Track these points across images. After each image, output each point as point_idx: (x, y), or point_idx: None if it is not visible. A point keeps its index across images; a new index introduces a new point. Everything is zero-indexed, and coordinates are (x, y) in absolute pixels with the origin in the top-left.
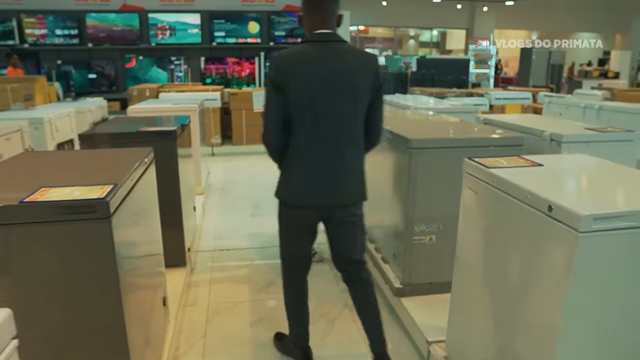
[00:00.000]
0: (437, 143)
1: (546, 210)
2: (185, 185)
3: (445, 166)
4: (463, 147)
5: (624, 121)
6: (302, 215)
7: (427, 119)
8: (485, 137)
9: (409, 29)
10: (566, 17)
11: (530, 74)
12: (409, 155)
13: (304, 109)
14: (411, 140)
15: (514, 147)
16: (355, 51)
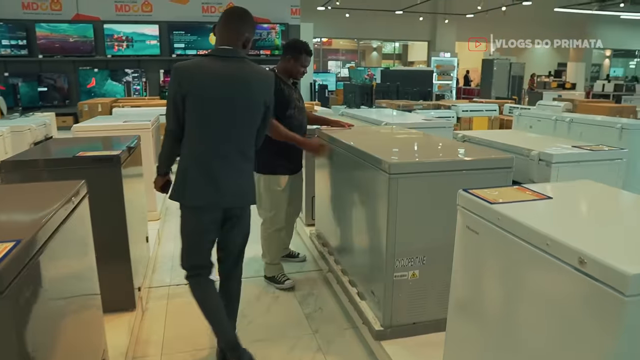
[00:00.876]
0: (420, 167)
1: (575, 263)
2: (135, 214)
3: (429, 192)
4: (449, 172)
5: (595, 134)
6: (203, 216)
7: (403, 137)
8: (472, 159)
9: (371, 41)
10: (523, 29)
11: (492, 85)
12: (389, 181)
13: (198, 115)
14: (391, 164)
15: (504, 169)
16: (252, 68)
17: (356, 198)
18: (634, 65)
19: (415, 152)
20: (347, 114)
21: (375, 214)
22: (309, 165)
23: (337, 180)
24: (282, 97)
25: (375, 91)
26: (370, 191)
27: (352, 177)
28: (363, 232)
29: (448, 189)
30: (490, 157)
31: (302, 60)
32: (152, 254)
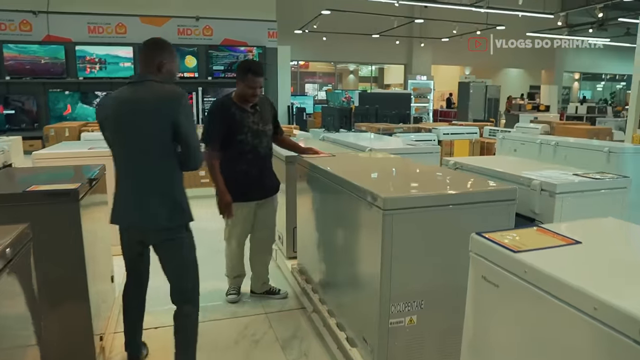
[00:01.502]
0: (417, 201)
1: (636, 335)
2: (97, 251)
3: (428, 229)
4: (449, 206)
5: (581, 158)
6: (122, 235)
7: (393, 166)
8: (474, 191)
9: (348, 64)
10: (496, 54)
11: (469, 107)
12: (383, 218)
13: (113, 141)
14: (386, 199)
15: (507, 202)
16: (154, 88)
17: (344, 233)
18: (601, 88)
19: (410, 183)
20: (327, 138)
21: (367, 252)
22: (290, 193)
23: (322, 211)
24: (232, 121)
25: (354, 114)
26: (361, 227)
27: (339, 209)
28: (353, 271)
29: (448, 225)
30: (492, 188)
31: (249, 81)
32: (119, 295)
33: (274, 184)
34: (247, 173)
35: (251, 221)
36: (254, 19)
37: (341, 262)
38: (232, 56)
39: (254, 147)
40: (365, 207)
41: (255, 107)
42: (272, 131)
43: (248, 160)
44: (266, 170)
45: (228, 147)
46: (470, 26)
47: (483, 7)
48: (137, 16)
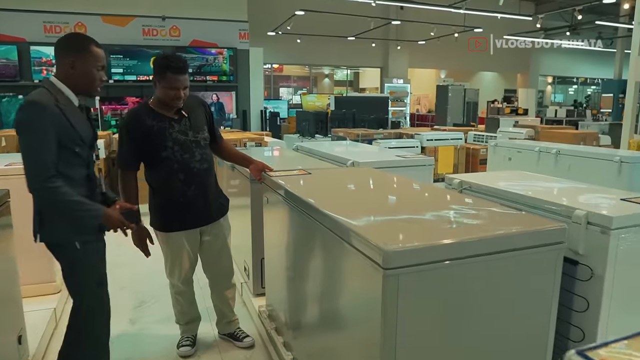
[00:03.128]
0: (434, 253)
1: None
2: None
3: (448, 290)
4: (477, 257)
5: (588, 168)
6: None
7: (386, 189)
8: (511, 234)
9: (323, 68)
10: (472, 57)
11: (447, 111)
12: (385, 280)
13: None
14: (388, 253)
15: (554, 245)
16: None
17: (328, 281)
18: (573, 91)
19: (416, 221)
20: (302, 148)
21: (362, 314)
22: (257, 218)
23: (297, 247)
24: (148, 136)
25: (330, 119)
26: (352, 281)
27: (319, 251)
28: (340, 332)
29: (476, 283)
30: (537, 229)
31: (169, 81)
32: (37, 351)
33: (220, 203)
34: (181, 196)
35: (196, 252)
36: (224, 19)
37: (324, 317)
38: (201, 58)
39: (185, 163)
40: (357, 259)
41: (180, 112)
42: (208, 140)
43: (180, 180)
44: (207, 189)
45: (154, 167)
46: (448, 29)
47: (462, 7)
48: (98, 15)
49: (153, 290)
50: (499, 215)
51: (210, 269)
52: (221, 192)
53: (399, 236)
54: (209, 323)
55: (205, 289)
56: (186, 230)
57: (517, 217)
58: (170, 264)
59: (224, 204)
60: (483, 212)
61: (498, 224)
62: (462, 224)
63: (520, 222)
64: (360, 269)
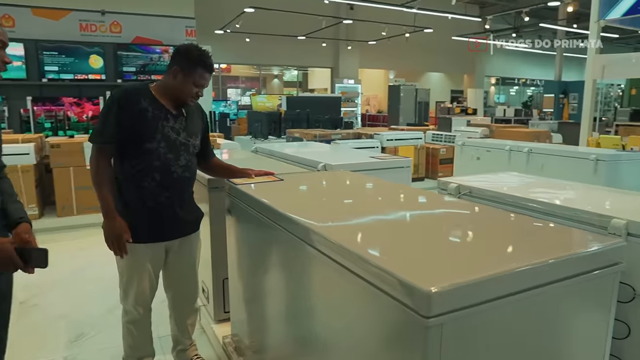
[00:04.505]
0: (487, 289)
1: None
2: None
3: (496, 335)
4: (536, 288)
5: (562, 167)
6: None
7: (389, 200)
8: (572, 256)
9: (272, 69)
10: (421, 58)
11: (399, 111)
12: (428, 333)
13: None
14: (433, 296)
15: (612, 267)
16: None
17: (325, 323)
18: (514, 92)
19: (446, 244)
20: (262, 150)
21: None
22: (217, 232)
23: (278, 273)
24: (140, 120)
25: (284, 119)
26: (365, 332)
27: (313, 284)
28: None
29: (527, 320)
30: (596, 248)
31: (197, 77)
32: None
33: (193, 217)
34: (152, 199)
35: (159, 272)
36: (170, 16)
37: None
38: (145, 57)
39: (167, 163)
40: (378, 302)
41: (180, 110)
42: (198, 149)
43: (155, 181)
44: (183, 199)
45: (130, 157)
46: (398, 29)
47: (414, 7)
48: (28, 7)
49: (94, 319)
50: (539, 231)
51: (172, 289)
52: (196, 207)
53: (438, 270)
54: (162, 356)
55: (158, 311)
56: (150, 243)
57: (562, 233)
58: (126, 283)
59: (199, 219)
60: (518, 226)
61: (547, 244)
62: (504, 245)
63: (571, 239)
64: (383, 315)
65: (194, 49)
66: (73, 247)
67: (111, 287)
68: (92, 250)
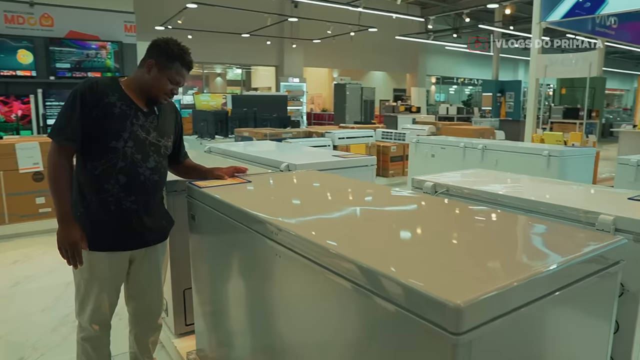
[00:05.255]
0: (512, 299)
1: None
2: None
3: (517, 345)
4: (554, 293)
5: (516, 162)
6: None
7: (376, 202)
8: (583, 257)
9: (215, 67)
10: (365, 57)
11: (346, 109)
12: (455, 350)
13: None
14: (462, 310)
15: (614, 267)
16: None
17: (318, 339)
18: (453, 91)
19: (456, 250)
20: (216, 150)
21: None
22: (177, 240)
23: (255, 284)
24: (105, 115)
25: (230, 118)
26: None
27: (305, 298)
28: None
29: (540, 327)
30: (602, 247)
31: (172, 73)
32: None
33: (161, 226)
34: (115, 203)
35: (120, 284)
36: (107, 9)
37: None
38: (80, 52)
39: (133, 164)
40: (396, 320)
41: (152, 107)
42: (169, 151)
43: (119, 184)
44: (150, 204)
45: (92, 157)
46: (343, 28)
47: (360, 6)
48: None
49: (35, 340)
50: (541, 230)
51: (134, 302)
52: (166, 212)
53: (458, 280)
54: None
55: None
56: (113, 252)
57: (565, 232)
58: (83, 296)
59: (168, 227)
60: (518, 227)
61: (556, 244)
62: (514, 248)
63: (577, 238)
64: (398, 333)
65: (173, 43)
66: (6, 261)
67: (54, 302)
68: (28, 264)
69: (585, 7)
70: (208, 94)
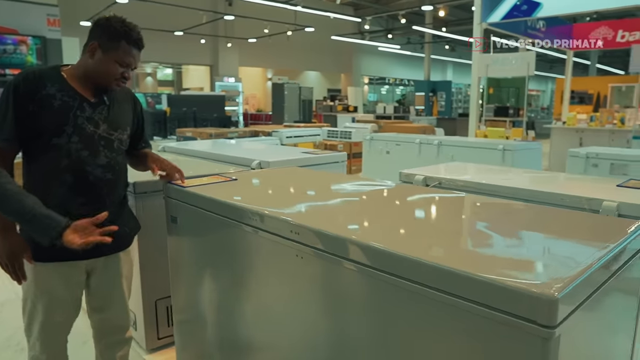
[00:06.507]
0: (594, 280)
1: None
2: None
3: (594, 332)
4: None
5: (472, 157)
6: None
7: (388, 198)
8: (624, 238)
9: (146, 66)
10: (301, 57)
11: (284, 109)
12: (548, 346)
13: None
14: (556, 302)
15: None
16: None
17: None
18: (385, 91)
19: (509, 241)
20: (171, 149)
21: None
22: (146, 247)
23: (263, 290)
24: (43, 109)
25: (169, 119)
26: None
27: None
28: None
29: (605, 308)
30: (631, 230)
31: (120, 54)
32: None
33: (123, 232)
34: (63, 208)
35: (78, 299)
36: (26, 1)
37: None
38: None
39: (80, 162)
40: (472, 321)
41: (101, 97)
42: (125, 145)
43: (66, 185)
44: (104, 206)
45: (34, 158)
46: (278, 28)
47: (299, 4)
48: None
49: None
50: (568, 219)
51: (97, 315)
52: (131, 216)
53: (539, 273)
54: None
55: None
56: (62, 263)
57: (593, 219)
58: (30, 312)
59: (132, 232)
60: (548, 216)
61: (593, 229)
62: (559, 235)
63: (608, 224)
64: (483, 334)
65: (116, 20)
66: None
67: None
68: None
69: (522, 9)
70: (141, 94)
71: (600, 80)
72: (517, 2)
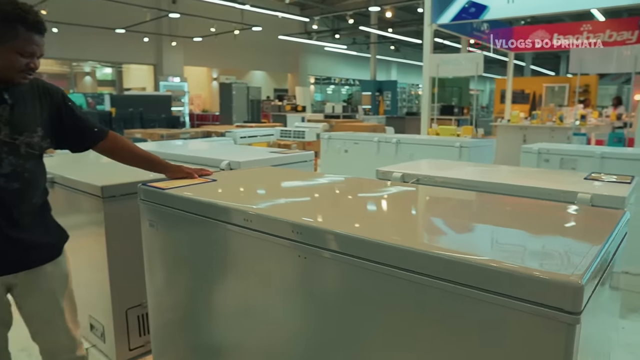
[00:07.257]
0: (601, 267)
1: None
2: None
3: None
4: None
5: (430, 154)
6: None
7: (376, 194)
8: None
9: (84, 65)
10: (247, 56)
11: (232, 109)
12: (571, 328)
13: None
14: (582, 289)
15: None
16: None
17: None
18: (331, 91)
19: (513, 232)
20: None
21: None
22: (116, 253)
23: (258, 294)
24: None
25: (115, 119)
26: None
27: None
28: None
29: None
30: (622, 219)
31: (19, 43)
32: None
33: (46, 242)
34: None
35: (2, 319)
36: None
37: None
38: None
39: None
40: (494, 310)
41: (1, 95)
42: (40, 149)
43: None
44: (12, 218)
45: None
46: (226, 27)
47: (247, 3)
48: None
49: None
50: (556, 210)
51: (37, 336)
52: (52, 227)
53: (557, 261)
54: None
55: None
56: None
57: (579, 210)
58: None
59: (54, 244)
60: (527, 207)
61: (583, 219)
62: (558, 224)
63: (602, 213)
64: (507, 324)
65: (7, 3)
66: None
67: None
68: None
69: (471, 12)
70: (80, 95)
71: (536, 80)
72: (465, 5)
